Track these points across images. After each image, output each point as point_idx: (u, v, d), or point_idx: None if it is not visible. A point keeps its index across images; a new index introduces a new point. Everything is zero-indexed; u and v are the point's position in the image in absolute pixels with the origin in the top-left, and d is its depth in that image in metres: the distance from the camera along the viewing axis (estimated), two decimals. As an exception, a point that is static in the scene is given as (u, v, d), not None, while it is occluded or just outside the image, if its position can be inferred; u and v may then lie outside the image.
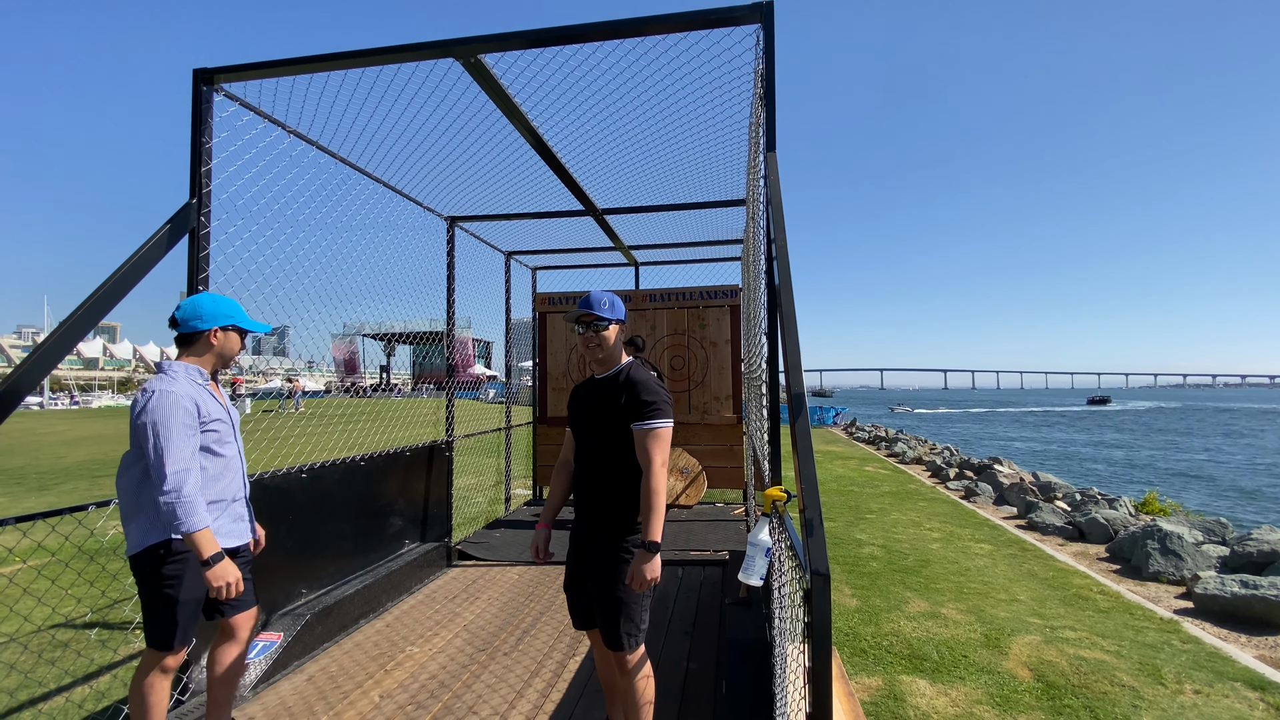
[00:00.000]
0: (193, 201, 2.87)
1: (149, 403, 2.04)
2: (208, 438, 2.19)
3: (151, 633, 2.12)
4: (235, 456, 2.33)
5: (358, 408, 6.19)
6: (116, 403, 47.73)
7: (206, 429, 2.18)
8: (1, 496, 8.92)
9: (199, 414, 2.13)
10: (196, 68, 2.94)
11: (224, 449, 2.26)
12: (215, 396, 2.27)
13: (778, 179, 2.37)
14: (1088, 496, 9.84)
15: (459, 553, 5.10)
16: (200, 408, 2.14)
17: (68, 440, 16.79)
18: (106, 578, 4.63)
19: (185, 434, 2.05)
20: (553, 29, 2.71)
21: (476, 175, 4.49)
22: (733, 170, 4.60)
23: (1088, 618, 4.69)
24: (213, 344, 2.26)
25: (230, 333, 2.30)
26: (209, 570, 2.04)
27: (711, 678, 3.06)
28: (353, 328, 6.82)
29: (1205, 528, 7.17)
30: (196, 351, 2.25)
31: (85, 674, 3.52)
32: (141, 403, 2.05)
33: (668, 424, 2.15)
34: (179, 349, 2.27)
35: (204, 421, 2.16)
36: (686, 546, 5.11)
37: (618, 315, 2.25)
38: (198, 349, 2.25)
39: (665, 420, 2.14)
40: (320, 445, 3.94)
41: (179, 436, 2.03)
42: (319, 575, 3.67)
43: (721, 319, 6.80)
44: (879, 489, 10.46)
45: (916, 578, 5.56)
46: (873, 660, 3.90)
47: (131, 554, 2.12)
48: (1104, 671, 3.73)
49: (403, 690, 2.97)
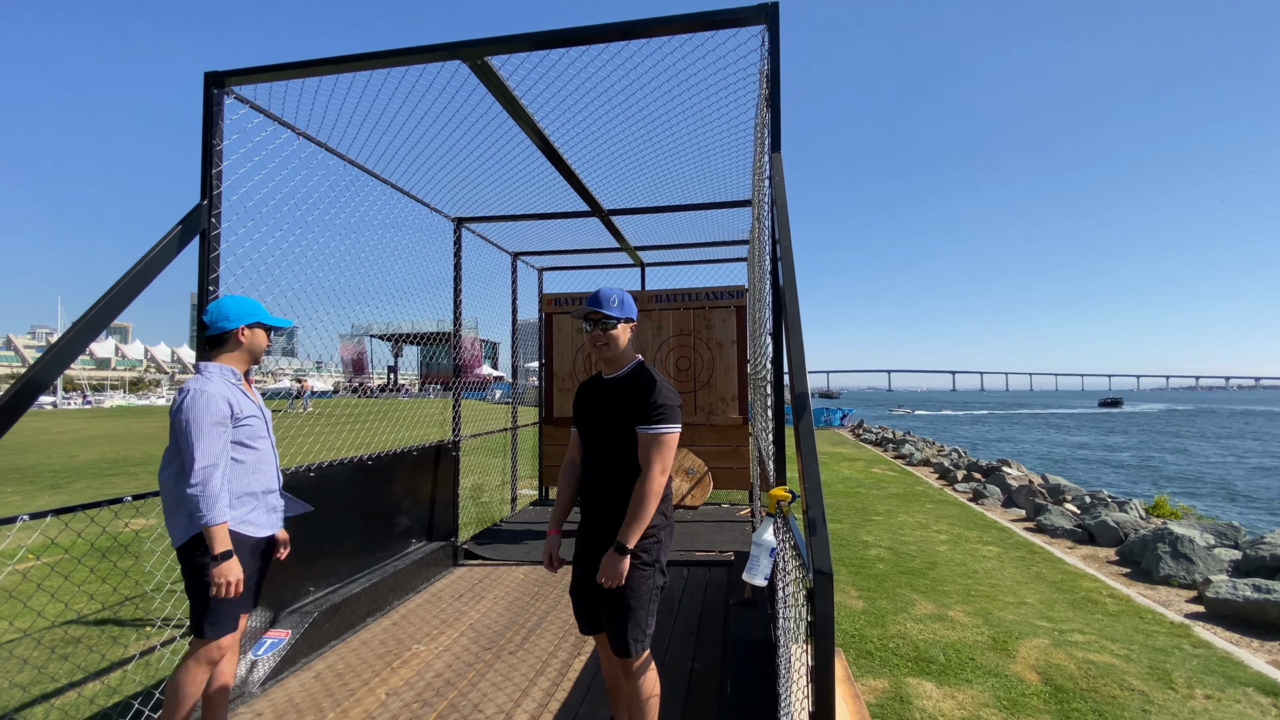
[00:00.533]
0: (204, 203, 2.91)
1: (184, 401, 2.16)
2: (242, 433, 2.30)
3: (194, 622, 2.22)
4: (269, 451, 2.45)
5: (365, 408, 6.24)
6: (128, 402, 48.19)
7: (241, 424, 2.29)
8: (15, 494, 9.04)
9: (232, 411, 2.25)
10: (208, 71, 2.98)
11: (258, 443, 2.38)
12: (248, 394, 2.38)
13: (782, 180, 2.38)
14: (1097, 499, 9.76)
15: (465, 552, 5.12)
16: (233, 406, 2.26)
17: (80, 439, 16.99)
18: (119, 574, 4.68)
19: (215, 431, 2.17)
20: (559, 31, 2.73)
21: (483, 176, 4.52)
22: (739, 171, 4.60)
23: (1097, 621, 4.65)
24: (241, 342, 2.39)
25: (256, 330, 2.43)
26: (215, 565, 2.12)
27: (716, 678, 3.06)
28: (361, 328, 6.86)
29: (1217, 531, 7.10)
30: (227, 351, 2.38)
31: (97, 669, 3.56)
32: (179, 401, 2.18)
33: (674, 430, 2.08)
34: (211, 351, 2.39)
35: (238, 418, 2.28)
36: (692, 547, 5.11)
37: (627, 314, 2.20)
38: (228, 348, 2.38)
39: (672, 426, 2.08)
40: (328, 445, 3.98)
41: (209, 433, 2.14)
42: (326, 573, 3.70)
43: (727, 320, 6.80)
44: (886, 491, 10.42)
45: (923, 580, 5.53)
46: (879, 662, 3.88)
47: (177, 545, 2.21)
48: (1113, 675, 3.70)
49: (409, 688, 2.99)
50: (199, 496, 2.09)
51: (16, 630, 4.05)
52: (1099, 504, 9.38)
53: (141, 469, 11.55)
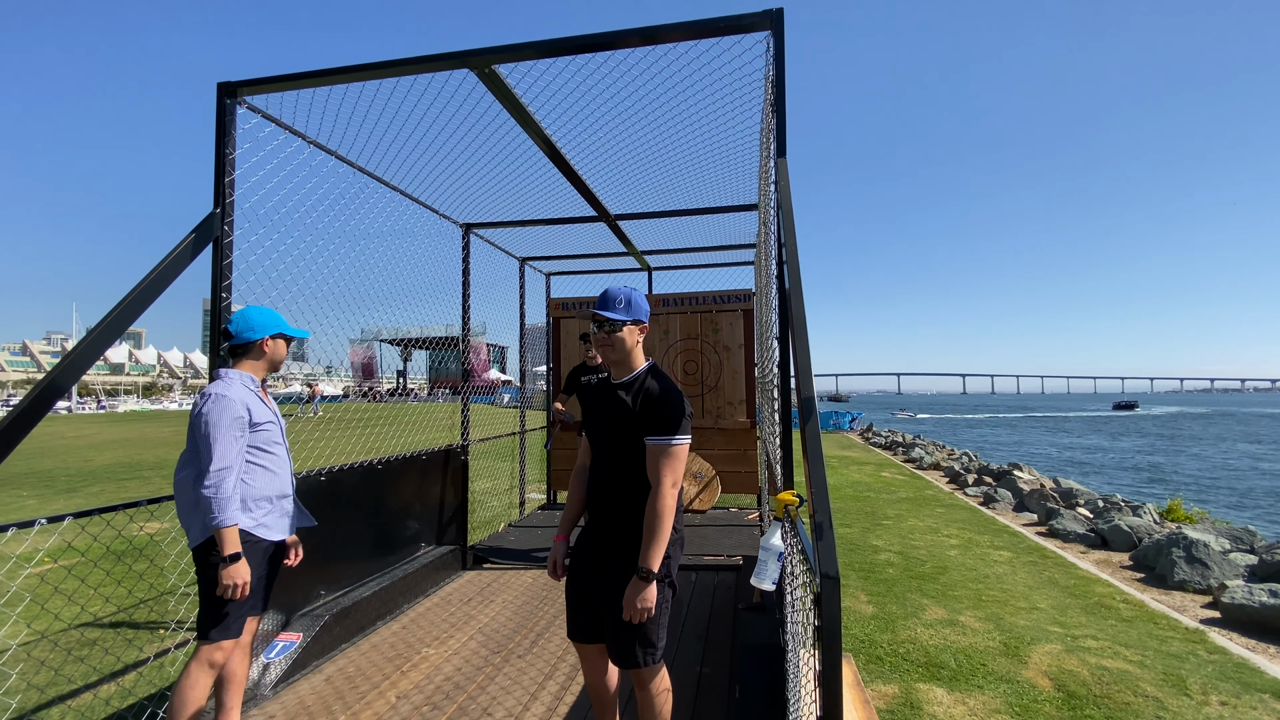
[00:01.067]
0: (216, 211, 2.95)
1: (205, 405, 2.22)
2: (260, 437, 2.36)
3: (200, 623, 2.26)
4: (284, 456, 2.51)
5: (375, 412, 6.28)
6: (141, 407, 48.74)
7: (258, 430, 2.36)
8: (31, 498, 9.16)
9: (250, 417, 2.32)
10: (221, 81, 3.03)
11: (274, 448, 2.44)
12: (264, 401, 2.44)
13: (788, 184, 2.38)
14: (1110, 503, 9.66)
15: (474, 556, 5.14)
16: (251, 411, 2.33)
17: (95, 444, 17.20)
18: (133, 577, 4.74)
19: (232, 435, 2.22)
20: (565, 39, 2.75)
21: (491, 182, 4.56)
22: (745, 175, 4.61)
23: (1110, 627, 4.60)
24: (265, 352, 2.45)
25: (278, 340, 2.49)
26: (225, 567, 2.16)
27: (725, 682, 3.05)
28: (370, 333, 6.92)
29: (1233, 535, 7.00)
30: (251, 359, 2.44)
31: (112, 671, 3.60)
32: (200, 405, 2.23)
33: (683, 441, 1.97)
34: (233, 359, 2.44)
35: (256, 424, 2.34)
36: (700, 551, 5.10)
37: (635, 315, 2.08)
38: (251, 357, 2.44)
39: (681, 437, 1.96)
40: (338, 449, 4.01)
41: (226, 437, 2.20)
42: (337, 577, 3.73)
43: (735, 323, 6.80)
44: (895, 495, 10.36)
45: (934, 585, 5.50)
46: (889, 668, 3.86)
47: (194, 546, 2.26)
48: (1127, 682, 3.66)
49: (418, 691, 3.01)
50: (212, 498, 2.14)
51: (34, 633, 4.10)
52: (1112, 508, 9.28)
53: (155, 473, 11.68)
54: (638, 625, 1.98)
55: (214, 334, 2.75)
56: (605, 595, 2.04)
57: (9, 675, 3.28)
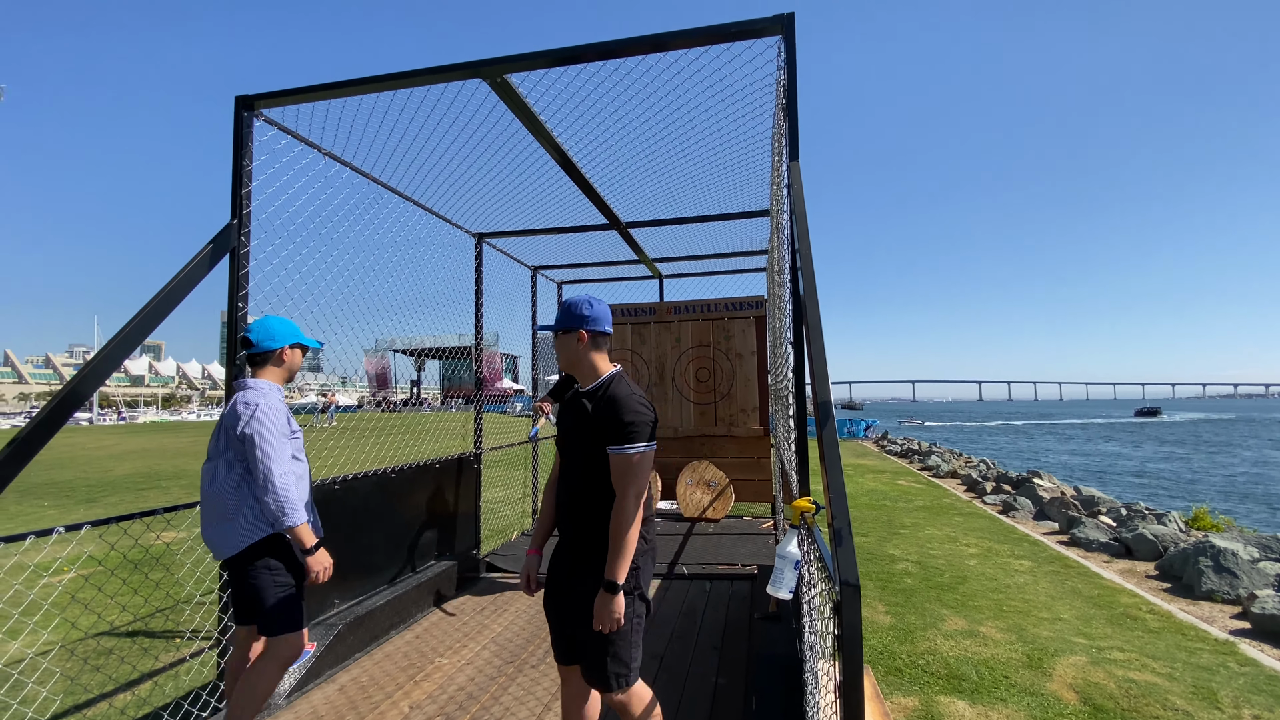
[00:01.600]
0: (234, 222, 2.99)
1: (254, 414, 2.25)
2: (294, 445, 2.42)
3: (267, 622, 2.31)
4: (306, 465, 2.57)
5: (389, 421, 6.31)
6: (161, 418, 49.49)
7: (295, 437, 2.42)
8: (51, 508, 9.30)
9: (289, 424, 2.38)
10: (238, 95, 3.08)
11: (303, 455, 2.50)
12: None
13: (800, 188, 2.37)
14: (1134, 511, 9.45)
15: (488, 565, 5.13)
16: (289, 419, 2.39)
17: (114, 454, 17.45)
18: (150, 586, 4.77)
19: (283, 442, 2.29)
20: (577, 47, 2.76)
21: (503, 192, 4.58)
22: (756, 181, 4.60)
23: (1137, 638, 4.48)
24: (284, 360, 2.50)
25: (295, 350, 2.54)
26: (311, 556, 2.29)
27: (741, 693, 3.00)
28: (384, 343, 6.97)
29: (1261, 544, 6.81)
30: (270, 367, 2.47)
31: (128, 680, 3.62)
32: (246, 415, 2.25)
33: (644, 448, 1.92)
34: (253, 368, 2.47)
35: (293, 431, 2.41)
36: (714, 561, 5.05)
37: (567, 324, 2.05)
38: (271, 365, 2.47)
39: (640, 445, 1.91)
40: (353, 458, 4.03)
41: (279, 444, 2.27)
42: (351, 586, 3.73)
43: (747, 330, 6.76)
44: (912, 503, 10.21)
45: (953, 595, 5.39)
46: (909, 680, 3.78)
47: (234, 553, 2.29)
48: (1155, 695, 3.56)
49: (431, 701, 2.99)
50: (283, 503, 2.22)
51: (52, 642, 4.14)
52: (1135, 516, 9.08)
53: (173, 483, 11.81)
54: (608, 643, 1.93)
55: (231, 343, 2.78)
56: (575, 612, 2.01)
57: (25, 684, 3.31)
